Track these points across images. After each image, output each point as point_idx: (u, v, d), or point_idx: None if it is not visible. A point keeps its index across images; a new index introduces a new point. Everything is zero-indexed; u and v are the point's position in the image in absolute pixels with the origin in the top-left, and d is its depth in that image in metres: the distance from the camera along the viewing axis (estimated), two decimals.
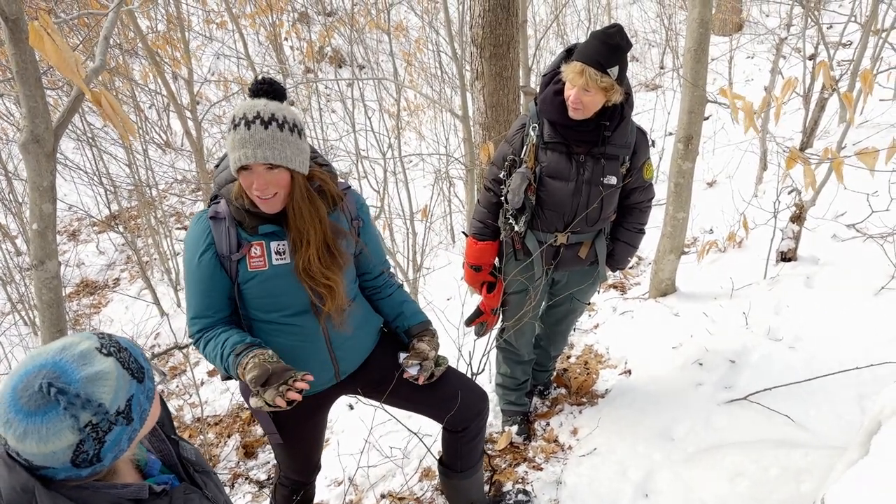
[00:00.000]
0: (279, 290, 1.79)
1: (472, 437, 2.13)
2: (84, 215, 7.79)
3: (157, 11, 8.34)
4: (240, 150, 1.58)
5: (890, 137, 2.85)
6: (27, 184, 1.98)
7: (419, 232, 5.57)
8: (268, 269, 1.76)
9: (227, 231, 1.73)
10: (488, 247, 2.56)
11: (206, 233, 1.74)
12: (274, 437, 1.98)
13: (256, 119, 1.58)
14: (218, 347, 1.74)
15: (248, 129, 1.57)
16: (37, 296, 2.09)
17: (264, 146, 1.58)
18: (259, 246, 1.74)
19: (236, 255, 1.73)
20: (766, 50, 8.64)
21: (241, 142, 1.58)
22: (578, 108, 2.16)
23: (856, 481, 1.57)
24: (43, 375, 0.96)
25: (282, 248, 1.77)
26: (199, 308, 1.78)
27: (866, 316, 3.11)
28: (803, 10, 5.56)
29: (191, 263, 1.76)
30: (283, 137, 1.61)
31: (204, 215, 1.76)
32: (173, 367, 5.20)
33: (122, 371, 1.04)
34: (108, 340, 1.07)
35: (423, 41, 9.17)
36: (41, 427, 0.94)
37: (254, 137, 1.57)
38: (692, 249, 4.67)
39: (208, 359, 1.79)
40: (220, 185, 1.77)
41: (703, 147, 5.12)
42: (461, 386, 2.09)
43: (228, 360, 1.70)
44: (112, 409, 1.00)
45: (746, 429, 2.62)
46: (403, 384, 2.01)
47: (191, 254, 1.76)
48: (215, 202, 1.79)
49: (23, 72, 1.82)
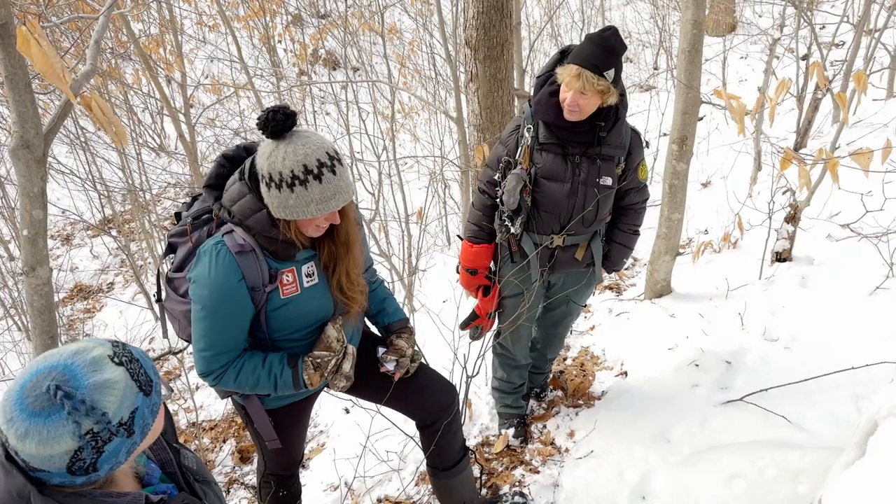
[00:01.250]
0: (307, 310, 1.80)
1: (445, 431, 2.15)
2: (77, 219, 7.75)
3: (150, 15, 8.31)
4: (323, 203, 1.56)
5: (883, 137, 2.86)
6: (17, 189, 1.96)
7: (414, 234, 5.55)
8: (300, 294, 1.76)
9: (257, 263, 1.66)
10: (484, 250, 2.55)
11: (234, 268, 1.64)
12: (274, 443, 1.99)
13: (322, 167, 1.54)
14: (259, 368, 1.74)
15: (321, 183, 1.54)
16: (28, 302, 2.07)
17: (342, 192, 1.58)
18: (290, 273, 1.73)
19: (270, 286, 1.70)
20: (759, 50, 8.67)
21: (323, 197, 1.55)
22: (575, 111, 2.16)
23: (853, 482, 1.57)
24: (52, 377, 0.96)
25: (311, 270, 1.77)
26: (225, 343, 1.71)
27: (861, 316, 3.12)
28: (796, 10, 5.58)
29: (218, 301, 1.65)
30: (345, 172, 1.60)
31: (224, 249, 1.64)
32: (168, 371, 5.17)
33: (131, 382, 1.03)
34: (122, 350, 1.06)
35: (416, 43, 9.16)
36: (42, 429, 0.94)
37: (331, 186, 1.56)
38: (687, 250, 4.68)
39: (240, 385, 1.75)
40: (244, 215, 1.64)
41: (698, 148, 5.11)
42: (429, 380, 2.14)
43: (284, 373, 1.74)
44: (115, 419, 0.99)
45: (743, 430, 2.62)
46: (376, 378, 2.05)
47: (218, 291, 1.64)
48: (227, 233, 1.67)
49: (12, 76, 1.81)
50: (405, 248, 5.19)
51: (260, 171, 1.59)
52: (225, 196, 1.69)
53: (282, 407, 1.98)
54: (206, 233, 1.77)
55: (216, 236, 1.68)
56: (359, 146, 6.40)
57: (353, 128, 6.13)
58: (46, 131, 1.93)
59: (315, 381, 1.75)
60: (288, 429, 2.03)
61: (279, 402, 1.96)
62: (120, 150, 6.18)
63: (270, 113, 1.53)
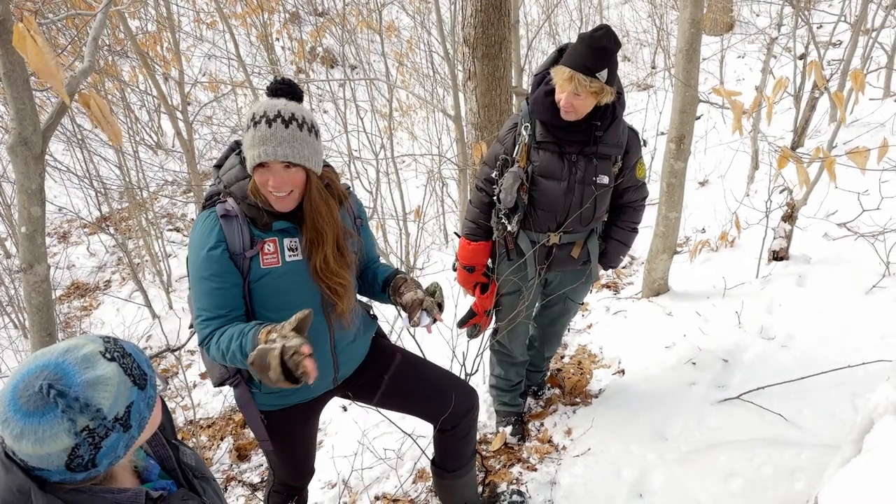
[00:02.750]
0: (291, 288, 1.78)
1: (462, 435, 2.14)
2: (74, 217, 7.73)
3: (147, 12, 8.28)
4: (260, 147, 1.59)
5: (880, 136, 2.86)
6: (15, 186, 1.96)
7: (412, 232, 5.56)
8: (281, 266, 1.75)
9: (239, 228, 1.71)
10: (481, 247, 2.55)
11: (217, 229, 1.70)
12: (265, 444, 1.97)
13: (277, 118, 1.59)
14: (237, 328, 1.65)
15: (269, 128, 1.59)
16: (26, 299, 2.07)
17: (284, 144, 1.59)
18: (272, 243, 1.74)
19: (250, 251, 1.71)
20: (756, 49, 8.68)
21: (262, 139, 1.59)
22: (570, 112, 2.17)
23: (849, 479, 1.58)
24: (44, 376, 0.96)
25: (294, 245, 1.77)
26: (213, 305, 1.70)
27: (858, 314, 3.13)
28: (793, 9, 5.58)
29: (199, 260, 1.69)
30: (302, 137, 1.62)
31: (212, 213, 1.72)
32: (165, 369, 5.16)
33: (124, 377, 1.03)
34: (114, 345, 1.06)
35: (414, 41, 9.15)
36: (38, 428, 0.94)
37: (274, 135, 1.59)
38: (685, 249, 4.69)
39: (217, 350, 1.67)
40: (230, 182, 1.74)
41: (695, 147, 5.13)
42: (449, 384, 2.11)
43: (251, 332, 1.59)
44: (110, 415, 0.99)
45: (740, 428, 2.63)
46: (392, 386, 2.02)
47: (199, 250, 1.70)
48: (220, 200, 1.76)
49: (10, 73, 1.80)
50: (403, 246, 5.19)
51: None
52: (222, 169, 1.79)
53: (278, 410, 1.93)
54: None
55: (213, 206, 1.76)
56: (357, 144, 6.40)
57: (350, 126, 6.13)
58: (45, 128, 1.93)
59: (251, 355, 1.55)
60: (286, 435, 1.99)
61: (274, 401, 1.92)
62: (117, 148, 6.16)
63: (277, 79, 1.67)
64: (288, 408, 1.95)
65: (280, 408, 1.94)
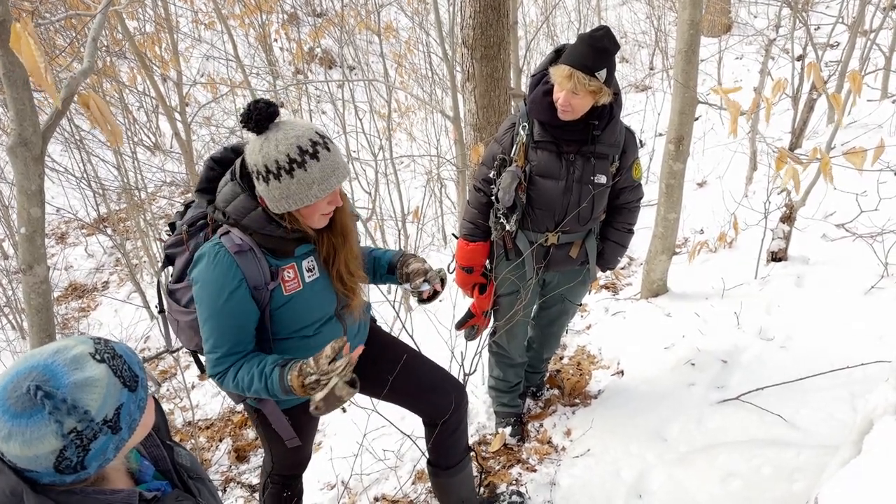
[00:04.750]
0: (311, 305, 1.79)
1: (451, 430, 2.14)
2: (72, 218, 7.72)
3: (146, 13, 8.28)
4: (327, 181, 1.56)
5: (878, 138, 2.87)
6: (15, 187, 1.95)
7: (411, 233, 5.56)
8: (303, 289, 1.75)
9: (257, 262, 1.66)
10: (479, 247, 2.55)
11: (234, 268, 1.63)
12: (293, 441, 1.99)
13: (316, 145, 1.55)
14: (254, 368, 1.67)
15: (319, 161, 1.55)
16: (25, 300, 2.06)
17: (340, 167, 1.58)
18: (291, 269, 1.72)
19: (272, 284, 1.69)
20: (754, 51, 8.69)
21: (324, 175, 1.56)
22: (568, 111, 2.18)
23: (848, 480, 1.58)
24: (32, 377, 0.95)
25: (311, 265, 1.77)
26: (231, 345, 1.68)
27: (857, 315, 3.13)
28: (791, 11, 5.60)
29: (219, 302, 1.64)
30: (336, 149, 1.61)
31: (223, 251, 1.64)
32: (163, 370, 5.16)
33: (114, 379, 1.02)
34: (104, 346, 1.05)
35: (413, 42, 9.16)
36: (25, 430, 0.93)
37: (328, 163, 1.56)
38: (683, 250, 4.69)
39: (236, 386, 1.70)
40: (239, 215, 1.65)
41: (694, 148, 5.13)
42: (438, 378, 2.13)
43: (273, 373, 1.64)
44: (98, 417, 0.98)
45: (739, 428, 2.63)
46: (384, 374, 2.04)
47: (218, 292, 1.64)
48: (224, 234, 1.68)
49: (10, 74, 1.80)
50: (402, 247, 5.19)
51: (255, 168, 1.59)
52: (218, 198, 1.69)
53: (297, 406, 1.96)
54: (203, 238, 1.77)
55: (214, 238, 1.68)
56: (355, 145, 6.40)
57: (349, 127, 6.13)
58: (44, 129, 1.92)
59: (296, 385, 1.62)
60: (303, 427, 2.02)
61: (294, 401, 1.93)
62: (115, 149, 6.15)
63: (252, 105, 1.55)
64: (305, 401, 1.95)
65: (296, 404, 1.96)
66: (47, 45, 7.02)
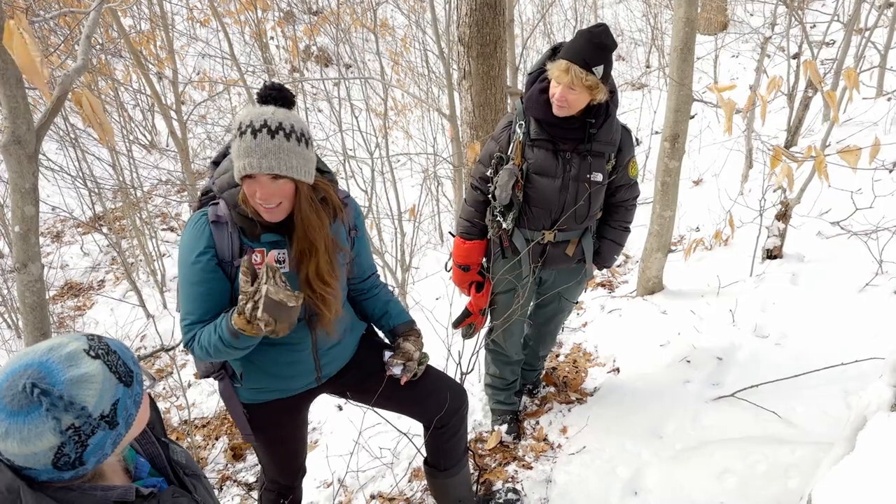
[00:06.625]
0: None
1: (452, 433, 2.14)
2: (68, 217, 7.70)
3: (141, 11, 8.24)
4: (245, 158, 1.55)
5: (873, 135, 2.88)
6: (8, 186, 1.95)
7: (408, 232, 5.56)
8: None
9: (229, 236, 1.69)
10: (476, 246, 2.55)
11: (206, 234, 1.68)
12: (249, 438, 1.97)
13: (263, 128, 1.54)
14: (211, 326, 1.67)
15: (255, 138, 1.54)
16: (20, 299, 2.06)
17: (270, 156, 1.55)
18: (260, 253, 1.71)
19: (238, 260, 1.69)
20: (750, 49, 8.71)
21: (247, 150, 1.54)
22: (563, 106, 2.18)
23: (843, 477, 1.59)
24: (28, 375, 0.95)
25: (282, 257, 1.75)
26: (198, 311, 1.70)
27: (851, 312, 3.14)
28: (787, 9, 5.61)
29: (188, 265, 1.69)
30: (289, 147, 1.57)
31: (203, 217, 1.70)
32: (160, 369, 5.15)
33: (109, 374, 1.02)
34: (98, 343, 1.05)
35: (409, 40, 9.15)
36: (23, 427, 0.93)
37: (260, 147, 1.54)
38: (679, 248, 4.70)
39: (202, 350, 1.69)
40: (222, 188, 1.71)
41: (689, 146, 5.14)
42: (439, 383, 2.11)
43: (222, 323, 1.63)
44: (95, 412, 0.99)
45: (734, 425, 2.64)
46: (383, 383, 2.01)
47: (188, 254, 1.69)
48: (213, 204, 1.73)
49: (3, 71, 1.79)
50: (398, 245, 5.19)
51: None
52: (217, 170, 1.75)
53: (260, 404, 1.93)
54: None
55: (205, 207, 1.74)
56: (351, 143, 6.38)
57: (345, 125, 6.11)
58: (38, 127, 1.92)
59: (241, 324, 1.59)
60: (270, 431, 1.98)
61: (256, 396, 1.92)
62: (111, 147, 6.13)
63: (267, 84, 1.61)
64: (270, 402, 1.94)
65: (262, 402, 1.93)
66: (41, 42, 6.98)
